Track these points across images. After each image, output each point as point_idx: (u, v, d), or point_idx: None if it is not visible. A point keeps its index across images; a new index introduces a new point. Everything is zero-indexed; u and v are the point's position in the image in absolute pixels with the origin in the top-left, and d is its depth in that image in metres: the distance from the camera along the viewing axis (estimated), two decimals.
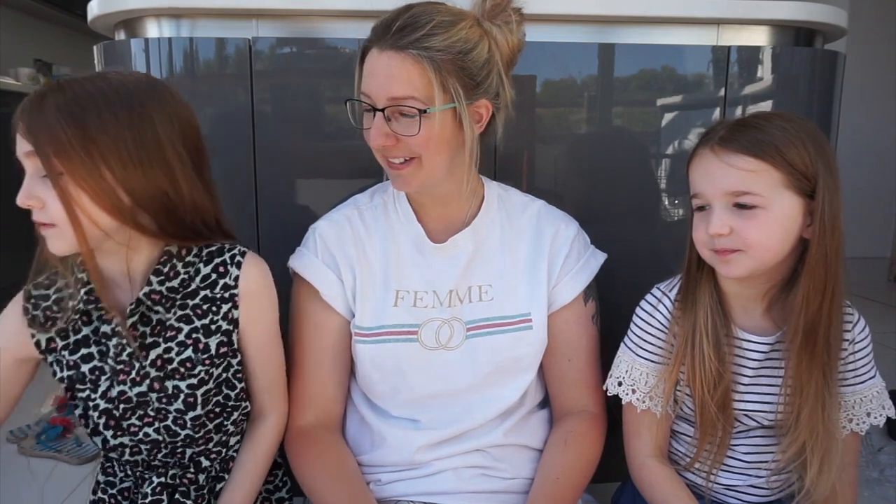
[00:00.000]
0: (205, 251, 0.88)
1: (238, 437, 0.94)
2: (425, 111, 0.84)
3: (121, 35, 1.19)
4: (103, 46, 1.18)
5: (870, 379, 0.92)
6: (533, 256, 0.99)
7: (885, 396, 0.93)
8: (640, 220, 1.24)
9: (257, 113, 1.13)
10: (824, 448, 0.87)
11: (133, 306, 0.83)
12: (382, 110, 0.85)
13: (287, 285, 1.00)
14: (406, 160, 0.88)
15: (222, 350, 0.88)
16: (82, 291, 0.84)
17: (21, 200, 0.76)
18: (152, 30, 1.14)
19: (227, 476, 0.93)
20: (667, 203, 1.24)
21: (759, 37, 1.21)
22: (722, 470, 0.96)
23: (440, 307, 0.97)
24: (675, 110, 1.22)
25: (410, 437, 0.97)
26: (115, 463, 0.94)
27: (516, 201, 1.03)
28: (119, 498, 0.93)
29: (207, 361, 0.87)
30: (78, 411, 0.87)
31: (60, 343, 0.85)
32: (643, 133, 1.22)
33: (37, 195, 0.75)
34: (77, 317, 0.85)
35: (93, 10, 1.15)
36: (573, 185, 1.23)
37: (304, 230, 1.01)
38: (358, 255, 0.97)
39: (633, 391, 0.95)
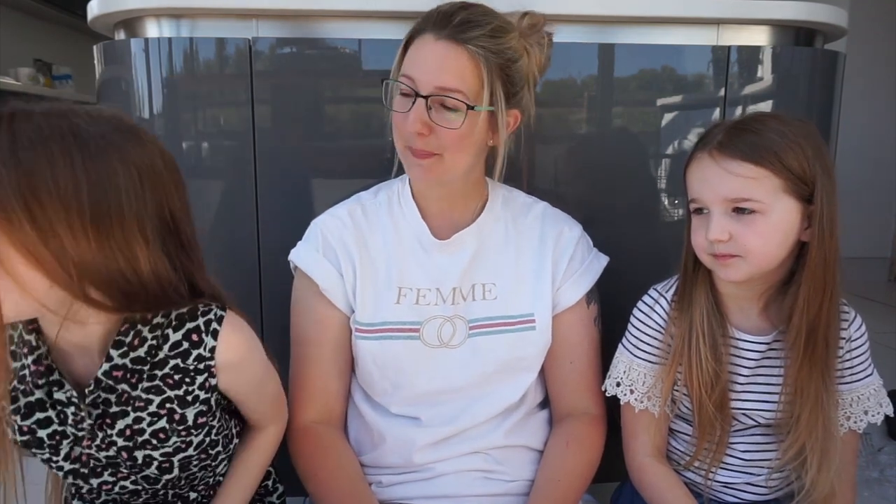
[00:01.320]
0: (173, 313, 0.75)
1: (226, 464, 0.88)
2: (472, 108, 0.85)
3: (121, 35, 1.19)
4: (103, 46, 1.19)
5: (867, 377, 0.92)
6: (537, 257, 0.99)
7: (883, 394, 0.93)
8: (639, 220, 1.24)
9: (257, 113, 1.13)
10: (823, 448, 0.87)
11: (91, 388, 0.73)
12: (426, 97, 0.85)
13: (288, 282, 1.00)
14: (429, 152, 0.88)
15: (201, 420, 0.79)
16: (30, 359, 0.73)
17: None
18: (152, 30, 1.13)
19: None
20: (666, 203, 1.24)
21: (759, 37, 1.20)
22: (720, 468, 0.96)
23: (443, 305, 0.97)
24: (675, 110, 1.21)
25: (411, 435, 0.96)
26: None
27: (520, 202, 1.04)
28: None
29: (184, 432, 0.78)
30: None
31: (10, 407, 0.74)
32: (643, 133, 1.22)
33: None
34: (28, 379, 0.74)
35: (93, 9, 1.15)
36: (573, 186, 1.22)
37: (304, 230, 1.01)
38: (359, 250, 0.97)
39: (632, 391, 0.95)
